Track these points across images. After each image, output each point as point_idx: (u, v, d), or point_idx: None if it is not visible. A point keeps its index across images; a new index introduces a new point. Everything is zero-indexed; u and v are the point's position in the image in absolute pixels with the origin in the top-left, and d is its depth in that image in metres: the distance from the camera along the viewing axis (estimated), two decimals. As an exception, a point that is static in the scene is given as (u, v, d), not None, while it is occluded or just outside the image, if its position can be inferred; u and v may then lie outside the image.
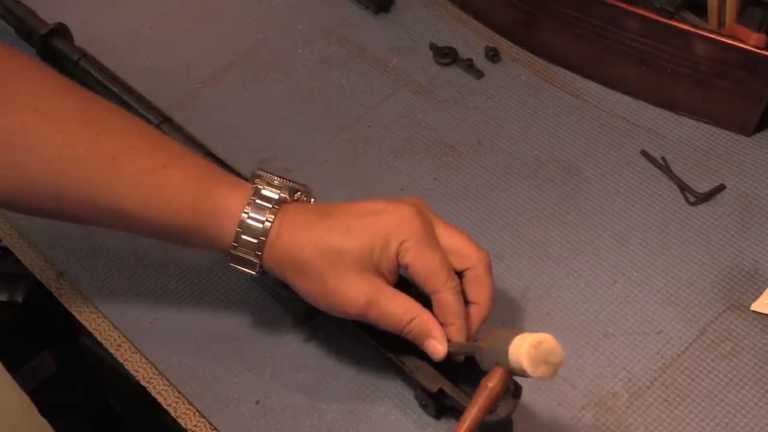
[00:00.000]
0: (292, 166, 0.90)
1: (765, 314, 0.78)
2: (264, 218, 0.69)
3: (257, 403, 0.75)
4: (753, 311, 0.79)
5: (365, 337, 0.73)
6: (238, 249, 0.69)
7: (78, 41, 0.98)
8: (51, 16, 0.98)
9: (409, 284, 0.71)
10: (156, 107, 0.91)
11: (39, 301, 0.89)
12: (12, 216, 0.86)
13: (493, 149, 0.92)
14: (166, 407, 0.76)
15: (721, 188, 0.87)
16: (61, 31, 0.97)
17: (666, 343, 0.77)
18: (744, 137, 0.91)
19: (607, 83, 0.96)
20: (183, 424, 0.75)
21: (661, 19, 0.88)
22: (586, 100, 0.95)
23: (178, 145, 0.73)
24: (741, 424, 0.73)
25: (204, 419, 0.75)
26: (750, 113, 0.89)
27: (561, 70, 0.97)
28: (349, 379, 0.76)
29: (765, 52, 0.85)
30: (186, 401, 0.76)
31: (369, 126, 0.94)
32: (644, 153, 0.90)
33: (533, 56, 0.99)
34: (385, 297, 0.68)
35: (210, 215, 0.69)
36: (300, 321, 0.79)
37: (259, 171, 0.72)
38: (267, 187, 0.70)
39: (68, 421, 0.92)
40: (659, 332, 0.78)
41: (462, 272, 0.71)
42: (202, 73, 0.99)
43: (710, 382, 0.75)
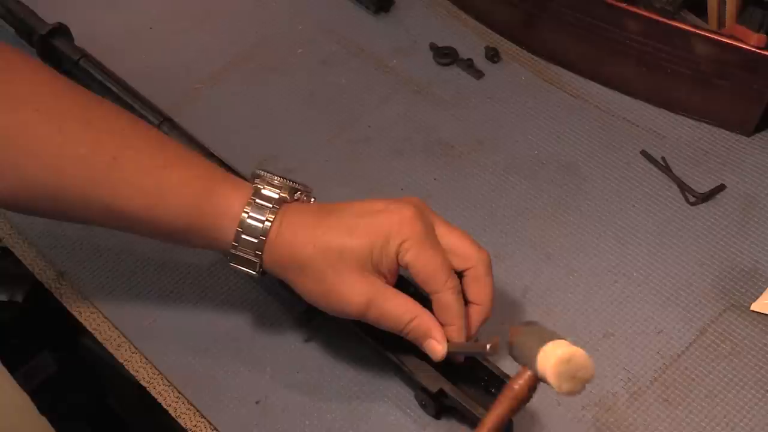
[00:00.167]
0: (292, 166, 0.90)
1: (765, 314, 0.78)
2: (264, 218, 0.69)
3: (257, 403, 0.75)
4: (753, 311, 0.79)
5: (365, 337, 0.74)
6: (239, 249, 0.69)
7: (78, 41, 0.98)
8: (51, 16, 0.98)
9: (409, 284, 0.71)
10: (156, 107, 0.91)
11: (39, 301, 0.89)
12: (12, 216, 0.86)
13: (493, 149, 0.92)
14: (166, 407, 0.76)
15: (721, 188, 0.87)
16: (61, 31, 0.97)
17: (666, 343, 0.77)
18: (744, 137, 0.91)
19: (607, 83, 0.96)
20: (183, 424, 0.75)
21: (661, 19, 0.88)
22: (586, 100, 0.95)
23: (179, 146, 0.73)
24: (741, 424, 0.73)
25: (204, 419, 0.75)
26: (750, 113, 0.89)
27: (561, 70, 0.98)
28: (349, 379, 0.76)
29: (765, 52, 0.85)
30: (186, 401, 0.76)
31: (369, 126, 0.94)
32: (644, 153, 0.90)
33: (533, 56, 0.99)
34: (385, 297, 0.68)
35: (210, 215, 0.69)
36: (300, 321, 0.79)
37: (259, 171, 0.71)
38: (267, 187, 0.70)
39: (68, 421, 0.92)
40: (659, 332, 0.78)
41: (462, 272, 0.71)
42: (202, 73, 0.99)
43: (710, 382, 0.75)
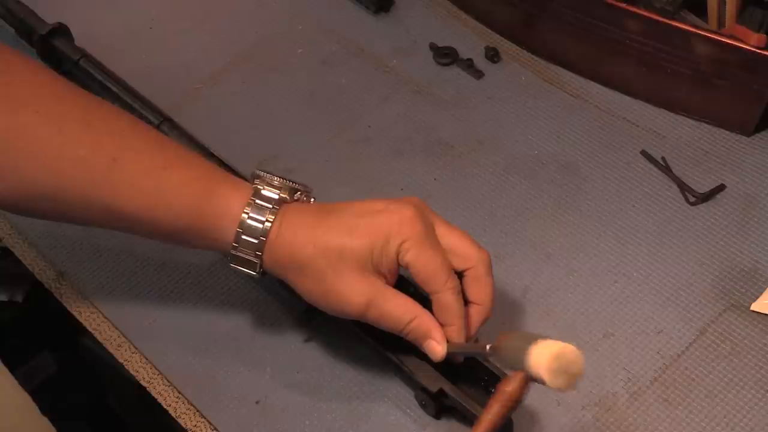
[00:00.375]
0: (292, 166, 0.90)
1: (765, 314, 0.78)
2: (264, 218, 0.69)
3: (257, 403, 0.75)
4: (753, 311, 0.79)
5: (365, 337, 0.74)
6: (239, 249, 0.69)
7: (78, 41, 0.98)
8: (51, 16, 0.98)
9: (409, 284, 0.71)
10: (156, 107, 0.91)
11: (39, 301, 0.89)
12: (12, 216, 0.86)
13: (493, 149, 0.92)
14: (166, 407, 0.76)
15: (721, 188, 0.87)
16: (61, 31, 0.97)
17: (666, 343, 0.77)
18: (744, 137, 0.91)
19: (607, 83, 0.96)
20: (183, 424, 0.75)
21: (661, 19, 0.88)
22: (586, 100, 0.95)
23: (179, 146, 0.73)
24: (741, 424, 0.73)
25: (204, 419, 0.75)
26: (750, 113, 0.89)
27: (561, 70, 0.97)
28: (349, 379, 0.76)
29: (765, 52, 0.85)
30: (186, 401, 0.76)
31: (369, 126, 0.94)
32: (644, 153, 0.90)
33: (533, 56, 0.99)
34: (385, 297, 0.68)
35: (210, 216, 0.69)
36: (300, 321, 0.79)
37: (259, 171, 0.71)
38: (267, 188, 0.70)
39: (68, 421, 0.92)
40: (659, 332, 0.78)
41: (462, 272, 0.70)
42: (202, 73, 0.99)
43: (710, 382, 0.75)
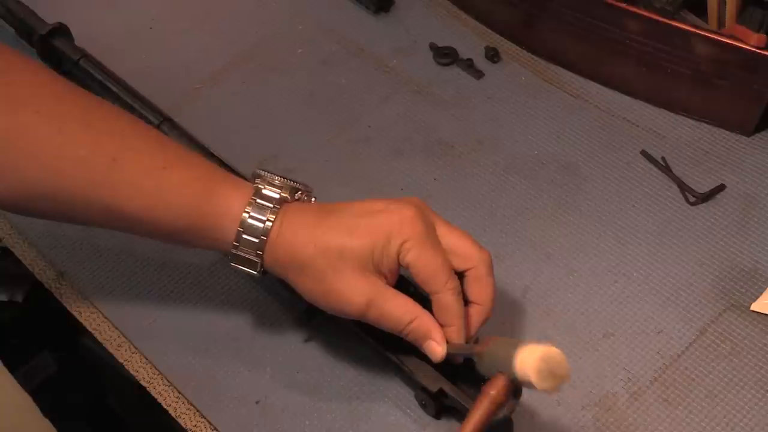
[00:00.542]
0: (292, 166, 0.90)
1: (765, 314, 0.78)
2: (265, 218, 0.69)
3: (257, 403, 0.75)
4: (753, 311, 0.79)
5: (365, 337, 0.73)
6: (239, 249, 0.69)
7: (78, 41, 0.98)
8: (51, 16, 0.98)
9: (409, 284, 0.71)
10: (156, 107, 0.91)
11: (39, 301, 0.89)
12: (12, 216, 0.86)
13: (493, 149, 0.92)
14: (166, 407, 0.76)
15: (721, 188, 0.87)
16: (61, 31, 0.97)
17: (666, 343, 0.77)
18: (744, 137, 0.91)
19: (607, 83, 0.96)
20: (183, 424, 0.75)
21: (661, 19, 0.88)
22: (586, 100, 0.95)
23: (179, 146, 0.73)
24: (741, 424, 0.73)
25: (204, 419, 0.75)
26: (750, 113, 0.89)
27: (561, 70, 0.98)
28: (349, 379, 0.76)
29: (765, 52, 0.85)
30: (186, 401, 0.76)
31: (369, 126, 0.94)
32: (644, 153, 0.90)
33: (533, 56, 0.99)
34: (385, 298, 0.68)
35: (211, 215, 0.69)
36: (300, 321, 0.79)
37: (260, 171, 0.71)
38: (268, 187, 0.70)
39: (68, 421, 0.91)
40: (659, 332, 0.78)
41: (463, 272, 0.70)
42: (202, 73, 0.99)
43: (710, 382, 0.75)
